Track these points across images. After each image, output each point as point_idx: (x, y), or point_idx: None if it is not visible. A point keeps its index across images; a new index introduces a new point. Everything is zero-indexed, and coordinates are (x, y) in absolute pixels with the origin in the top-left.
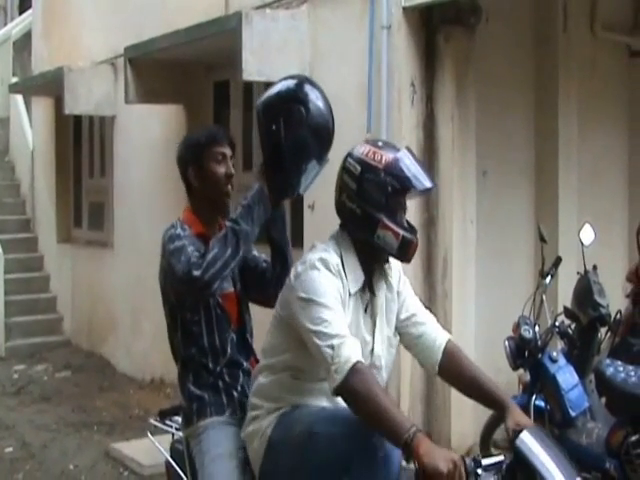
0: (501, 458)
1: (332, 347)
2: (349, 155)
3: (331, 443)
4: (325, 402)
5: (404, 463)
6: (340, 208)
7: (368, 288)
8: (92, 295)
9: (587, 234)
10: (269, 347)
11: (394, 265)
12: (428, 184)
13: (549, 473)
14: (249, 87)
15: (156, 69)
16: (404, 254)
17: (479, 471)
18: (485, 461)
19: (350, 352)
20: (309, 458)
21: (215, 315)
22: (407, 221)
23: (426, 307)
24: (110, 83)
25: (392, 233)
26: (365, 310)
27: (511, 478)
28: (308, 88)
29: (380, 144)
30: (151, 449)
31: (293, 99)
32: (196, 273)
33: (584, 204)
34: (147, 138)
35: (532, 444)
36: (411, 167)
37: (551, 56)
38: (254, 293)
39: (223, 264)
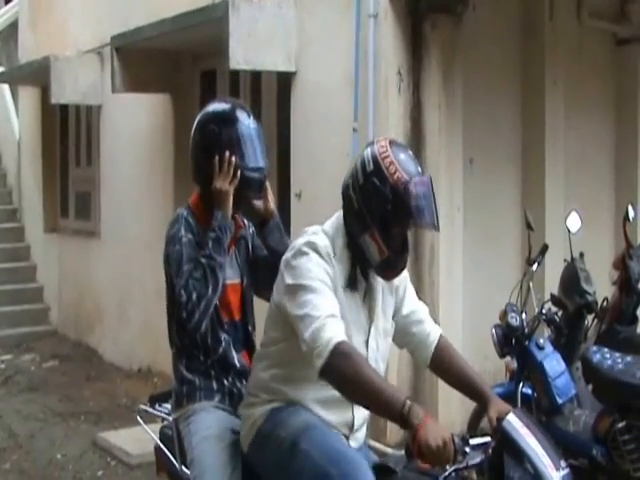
0: (488, 439)
1: (313, 331)
2: (370, 147)
3: (307, 463)
4: (320, 393)
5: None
6: (344, 190)
7: (363, 277)
8: (79, 285)
9: (574, 221)
10: (266, 338)
11: None
12: (430, 225)
13: (534, 453)
14: (236, 76)
15: (143, 58)
16: (382, 273)
17: (467, 449)
18: (473, 441)
19: (331, 333)
20: (286, 465)
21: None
22: (405, 240)
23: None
24: (97, 72)
25: (377, 248)
26: (363, 300)
27: (497, 459)
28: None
29: (402, 156)
30: (139, 438)
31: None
32: (184, 315)
33: (571, 191)
34: (134, 127)
35: (518, 425)
36: (419, 200)
37: (538, 44)
38: (266, 290)
39: (206, 304)
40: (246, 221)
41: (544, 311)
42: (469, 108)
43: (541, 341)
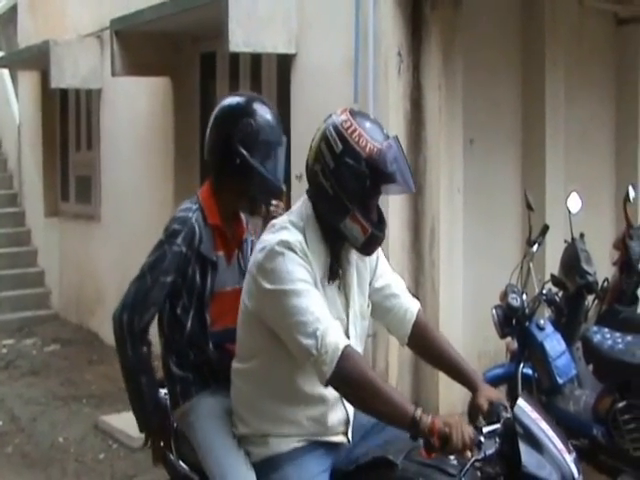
0: (498, 425)
1: (315, 337)
2: (331, 123)
3: None
4: (309, 408)
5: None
6: (311, 178)
7: (338, 265)
8: (80, 268)
9: (574, 202)
10: (239, 348)
11: None
12: (409, 187)
13: (547, 437)
14: (235, 58)
15: (142, 41)
16: (367, 249)
17: (481, 439)
18: (485, 429)
19: (336, 338)
20: None
21: (198, 318)
22: (379, 211)
23: (416, 279)
24: (96, 56)
25: (361, 228)
26: (338, 288)
27: (507, 447)
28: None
29: (367, 125)
30: None
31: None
32: (124, 317)
33: (571, 172)
34: (134, 111)
35: (529, 410)
36: (395, 163)
37: (538, 24)
38: None
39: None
40: (250, 226)
41: (544, 292)
42: (469, 89)
43: (541, 321)
